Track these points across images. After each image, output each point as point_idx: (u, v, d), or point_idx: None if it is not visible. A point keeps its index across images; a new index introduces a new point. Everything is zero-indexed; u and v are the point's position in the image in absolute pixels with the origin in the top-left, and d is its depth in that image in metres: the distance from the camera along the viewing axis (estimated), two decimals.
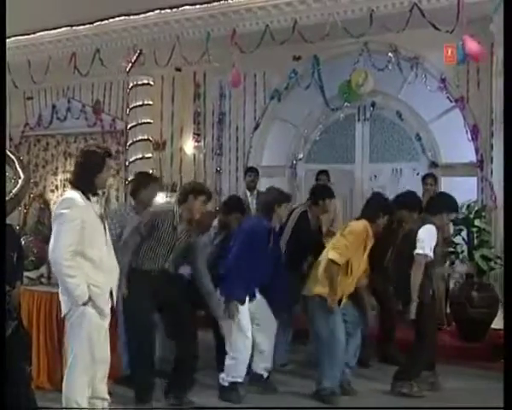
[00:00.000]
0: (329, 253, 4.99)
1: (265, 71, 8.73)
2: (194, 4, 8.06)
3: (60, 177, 10.40)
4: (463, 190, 7.41)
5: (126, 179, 8.99)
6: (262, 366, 5.26)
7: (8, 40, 9.30)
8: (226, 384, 5.11)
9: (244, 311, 5.10)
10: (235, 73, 7.86)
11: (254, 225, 5.22)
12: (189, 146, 9.18)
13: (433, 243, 5.06)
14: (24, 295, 5.52)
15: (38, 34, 9.26)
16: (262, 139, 8.96)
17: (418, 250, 5.03)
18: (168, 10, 8.24)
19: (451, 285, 7.03)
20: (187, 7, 8.11)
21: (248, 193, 7.76)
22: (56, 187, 10.35)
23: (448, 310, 6.94)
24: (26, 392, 4.64)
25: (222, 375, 5.13)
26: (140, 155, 8.78)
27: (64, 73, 9.19)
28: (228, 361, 5.10)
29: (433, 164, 8.00)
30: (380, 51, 7.90)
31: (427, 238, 5.04)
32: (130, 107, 8.89)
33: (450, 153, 7.89)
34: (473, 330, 6.60)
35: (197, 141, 9.14)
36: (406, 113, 8.17)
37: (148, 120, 8.87)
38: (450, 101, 7.65)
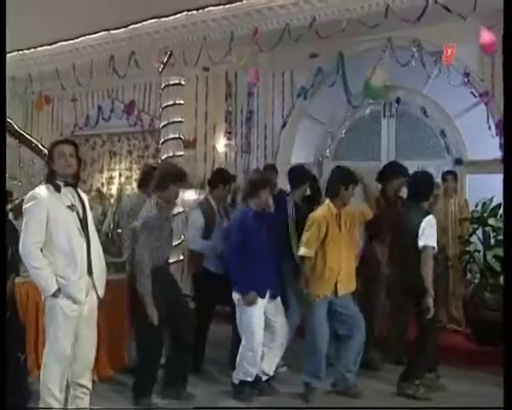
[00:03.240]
0: (299, 250, 4.92)
1: (293, 69, 8.53)
2: (219, 5, 7.98)
3: (105, 174, 10.62)
4: (489, 187, 6.98)
5: None
6: (263, 369, 5.13)
7: (53, 46, 9.73)
8: (236, 382, 5.06)
9: (256, 312, 4.95)
10: (253, 72, 7.73)
11: (241, 216, 5.12)
12: (220, 144, 9.11)
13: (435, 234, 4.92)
14: (30, 286, 5.65)
15: (80, 39, 9.44)
16: (290, 137, 8.79)
17: (425, 243, 4.87)
18: (194, 12, 8.19)
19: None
20: (212, 8, 8.05)
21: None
22: (102, 184, 10.57)
23: None
24: (19, 379, 4.74)
25: (234, 373, 5.08)
26: (171, 153, 8.76)
27: (107, 76, 9.30)
28: (237, 359, 5.05)
29: (458, 161, 7.57)
30: (403, 46, 7.56)
31: (428, 229, 4.90)
32: (163, 106, 8.88)
33: (475, 149, 7.45)
34: (487, 333, 6.20)
35: (229, 139, 9.05)
36: (431, 109, 7.79)
37: (180, 119, 8.83)
38: (475, 96, 7.19)
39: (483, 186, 7.21)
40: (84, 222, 4.14)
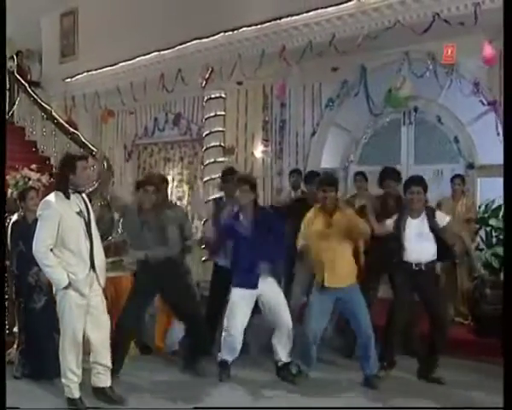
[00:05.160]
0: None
1: (321, 82, 8.66)
2: (251, 25, 8.24)
3: None
4: (498, 189, 6.86)
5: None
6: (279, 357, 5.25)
7: (115, 66, 10.27)
8: (218, 361, 5.25)
9: (235, 299, 5.11)
10: (280, 86, 7.93)
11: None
12: (258, 151, 9.35)
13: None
14: None
15: (136, 60, 9.94)
16: (319, 144, 8.91)
17: None
18: (230, 32, 8.49)
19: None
20: (245, 28, 8.33)
21: (293, 192, 7.78)
22: None
23: None
24: (53, 356, 4.96)
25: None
26: (212, 159, 9.10)
27: (157, 90, 9.73)
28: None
29: (470, 165, 7.52)
30: (419, 60, 7.55)
31: None
32: (205, 117, 9.25)
33: (486, 154, 7.37)
34: (488, 327, 6.14)
35: (265, 146, 9.27)
36: (445, 117, 7.80)
37: (220, 129, 9.17)
38: (483, 104, 7.11)
39: (492, 189, 7.12)
40: (88, 225, 4.44)
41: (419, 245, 4.99)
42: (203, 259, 9.15)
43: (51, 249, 4.36)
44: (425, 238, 5.01)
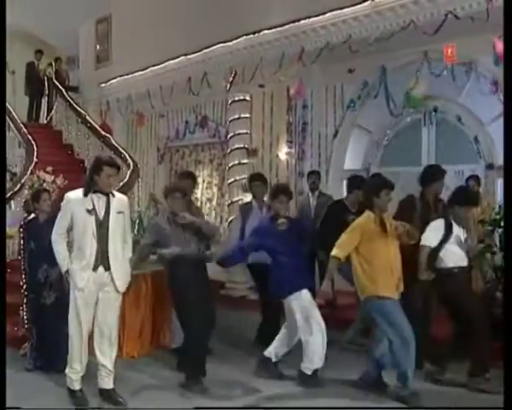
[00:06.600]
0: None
1: (343, 83, 8.68)
2: (271, 28, 8.36)
3: None
4: None
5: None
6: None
7: (145, 71, 10.59)
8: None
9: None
10: (297, 86, 8.01)
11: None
12: (282, 152, 9.44)
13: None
14: None
15: (164, 64, 10.21)
16: (342, 145, 8.93)
17: None
18: (251, 35, 8.62)
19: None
20: (266, 31, 8.45)
21: (310, 194, 7.86)
22: None
23: None
24: (62, 350, 5.13)
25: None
26: (237, 161, 9.25)
27: (184, 93, 9.98)
28: None
29: (490, 166, 7.37)
30: (438, 59, 7.44)
31: None
32: (229, 120, 9.41)
33: None
34: (497, 330, 6.02)
35: (289, 148, 9.36)
36: (466, 116, 7.68)
37: (244, 131, 9.31)
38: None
39: None
40: (103, 225, 4.62)
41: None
42: None
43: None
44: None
